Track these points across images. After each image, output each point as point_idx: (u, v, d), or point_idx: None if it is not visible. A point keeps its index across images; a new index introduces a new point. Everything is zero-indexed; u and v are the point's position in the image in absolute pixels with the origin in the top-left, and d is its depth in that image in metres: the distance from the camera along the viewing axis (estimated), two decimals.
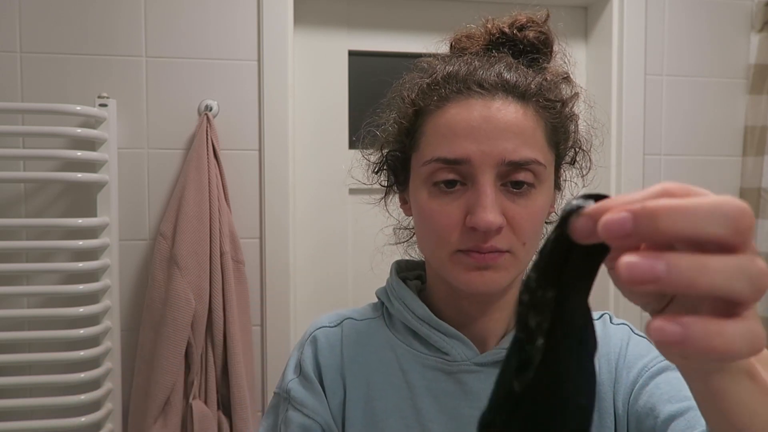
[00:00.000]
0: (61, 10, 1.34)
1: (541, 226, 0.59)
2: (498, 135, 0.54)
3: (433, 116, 0.58)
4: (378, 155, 0.67)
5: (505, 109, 0.55)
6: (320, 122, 1.54)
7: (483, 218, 0.52)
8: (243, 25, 1.39)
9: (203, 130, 1.33)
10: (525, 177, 0.55)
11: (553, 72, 0.62)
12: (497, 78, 0.57)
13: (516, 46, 0.63)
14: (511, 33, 0.63)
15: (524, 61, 0.61)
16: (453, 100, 0.57)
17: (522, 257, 0.57)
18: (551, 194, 0.60)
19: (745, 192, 1.59)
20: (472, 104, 0.56)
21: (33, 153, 1.27)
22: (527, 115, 0.56)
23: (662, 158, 1.57)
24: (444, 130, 0.56)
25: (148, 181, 1.37)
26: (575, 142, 0.64)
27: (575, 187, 0.67)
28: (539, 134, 0.57)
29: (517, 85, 0.57)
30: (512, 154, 0.54)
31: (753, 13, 1.59)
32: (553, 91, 0.59)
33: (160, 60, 1.37)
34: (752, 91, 1.58)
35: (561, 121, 0.60)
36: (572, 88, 0.63)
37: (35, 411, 1.28)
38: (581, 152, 0.65)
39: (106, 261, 1.30)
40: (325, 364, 0.63)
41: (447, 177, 0.55)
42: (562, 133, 0.61)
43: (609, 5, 1.55)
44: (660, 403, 0.54)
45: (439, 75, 0.60)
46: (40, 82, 1.33)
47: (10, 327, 1.29)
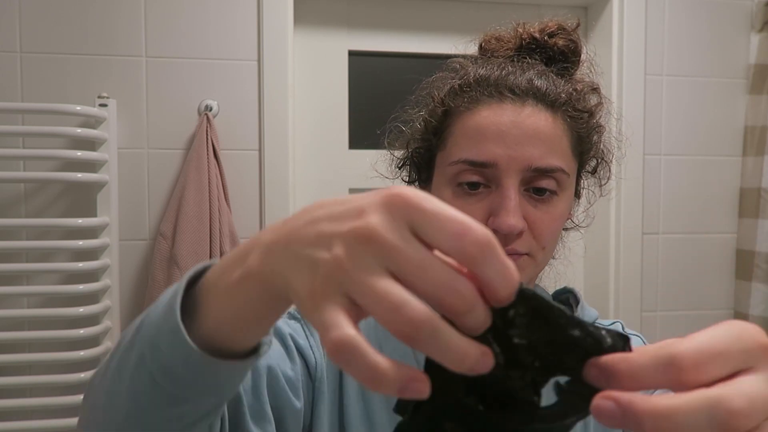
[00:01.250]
0: (61, 10, 1.34)
1: (560, 231, 0.60)
2: (526, 141, 0.55)
3: (463, 117, 0.58)
4: (403, 151, 0.68)
5: (535, 116, 0.56)
6: (320, 122, 1.54)
7: (506, 221, 0.54)
8: (243, 25, 1.39)
9: (203, 130, 1.33)
10: (548, 184, 0.56)
11: (583, 82, 0.63)
12: (529, 84, 0.58)
13: (546, 52, 0.63)
14: (541, 39, 0.63)
15: (555, 70, 0.62)
16: (484, 102, 0.58)
17: (540, 260, 0.58)
18: (571, 202, 0.61)
19: (745, 192, 1.59)
20: (502, 108, 0.57)
21: (33, 153, 1.27)
22: (556, 124, 0.57)
23: (662, 158, 1.57)
24: (473, 132, 0.57)
25: (148, 181, 1.37)
26: (598, 153, 0.65)
27: (592, 196, 0.69)
28: (565, 143, 0.58)
29: (548, 94, 0.58)
30: (538, 161, 0.55)
31: (753, 13, 1.59)
32: (581, 101, 0.61)
33: (160, 60, 1.37)
34: (752, 91, 1.58)
35: (587, 131, 0.61)
36: (600, 99, 0.64)
37: (35, 411, 1.28)
38: (603, 163, 0.67)
39: (106, 261, 1.30)
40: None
41: (471, 179, 0.56)
42: (587, 143, 0.62)
43: (609, 5, 1.55)
44: None
45: (471, 77, 0.60)
46: (40, 82, 1.33)
47: (10, 327, 1.28)
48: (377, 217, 0.27)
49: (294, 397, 0.56)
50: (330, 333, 0.26)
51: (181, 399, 0.37)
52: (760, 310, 1.54)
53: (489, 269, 0.26)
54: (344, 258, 0.27)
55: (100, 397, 0.41)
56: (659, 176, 1.57)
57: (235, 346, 0.37)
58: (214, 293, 0.36)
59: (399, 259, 0.26)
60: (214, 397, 0.39)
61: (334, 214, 0.29)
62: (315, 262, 0.28)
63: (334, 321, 0.26)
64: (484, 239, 0.26)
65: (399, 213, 0.27)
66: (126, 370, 0.38)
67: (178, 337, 0.35)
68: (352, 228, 0.27)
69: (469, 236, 0.25)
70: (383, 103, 1.57)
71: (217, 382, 0.37)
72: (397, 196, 0.27)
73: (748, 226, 1.57)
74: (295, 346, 0.60)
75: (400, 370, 0.25)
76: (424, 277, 0.26)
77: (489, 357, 0.26)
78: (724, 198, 1.61)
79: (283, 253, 0.30)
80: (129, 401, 0.38)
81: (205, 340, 0.36)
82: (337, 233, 0.28)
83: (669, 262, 1.59)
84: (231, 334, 0.36)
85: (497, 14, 1.56)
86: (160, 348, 0.36)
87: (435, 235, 0.26)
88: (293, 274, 0.29)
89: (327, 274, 0.27)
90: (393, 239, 0.26)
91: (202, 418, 0.40)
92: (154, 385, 0.37)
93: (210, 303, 0.36)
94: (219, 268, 0.36)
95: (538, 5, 1.56)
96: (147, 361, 0.37)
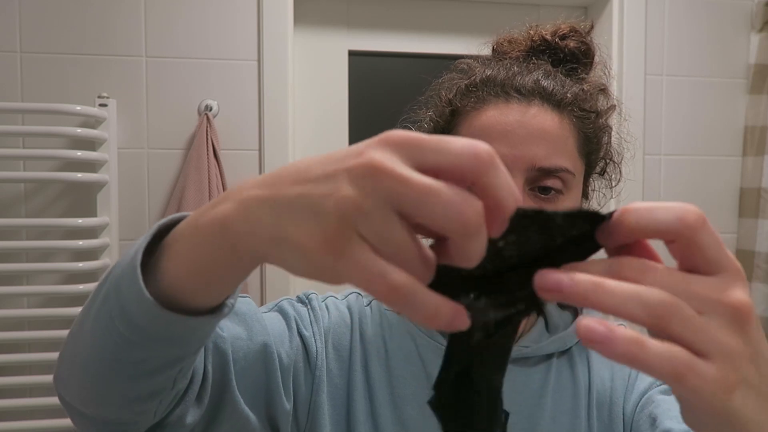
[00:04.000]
0: (61, 10, 1.34)
1: None
2: (531, 140, 0.55)
3: (469, 117, 0.59)
4: None
5: (541, 116, 0.56)
6: (320, 122, 1.54)
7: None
8: (243, 25, 1.39)
9: (203, 130, 1.33)
10: (553, 183, 0.56)
11: (591, 83, 0.63)
12: (535, 84, 0.58)
13: (556, 54, 0.64)
14: (552, 41, 0.64)
15: (563, 70, 0.62)
16: (490, 103, 0.58)
17: None
18: (578, 203, 0.61)
19: (745, 192, 1.59)
20: (508, 108, 0.57)
21: (33, 153, 1.27)
22: (562, 124, 0.57)
23: (662, 158, 1.57)
24: (478, 132, 0.57)
25: (148, 181, 1.37)
26: (606, 154, 0.65)
27: (603, 198, 0.69)
28: (571, 143, 0.58)
29: (554, 93, 0.58)
30: (543, 161, 0.55)
31: (753, 13, 1.59)
32: (589, 101, 0.61)
33: (160, 60, 1.37)
34: (752, 91, 1.58)
35: (594, 131, 0.61)
36: (608, 101, 0.64)
37: (35, 411, 1.28)
38: (612, 164, 0.67)
39: (106, 261, 1.30)
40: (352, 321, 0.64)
41: None
42: (595, 143, 0.62)
43: (609, 5, 1.55)
44: (663, 417, 0.55)
45: (478, 77, 0.61)
46: (40, 82, 1.33)
47: (10, 327, 1.28)
48: (379, 153, 0.26)
49: (284, 391, 0.56)
50: (381, 279, 0.25)
51: (135, 344, 0.37)
52: (760, 310, 1.54)
53: (497, 180, 0.26)
54: (358, 196, 0.25)
55: (74, 329, 0.41)
56: (659, 176, 1.57)
57: (196, 302, 0.36)
58: (176, 245, 0.35)
59: (409, 190, 0.25)
60: (172, 349, 0.38)
61: (329, 160, 0.27)
62: (320, 206, 0.26)
63: (376, 265, 0.25)
64: (490, 151, 0.26)
65: (399, 148, 0.26)
66: (93, 307, 0.39)
67: (135, 282, 0.35)
68: (355, 164, 0.26)
69: (476, 149, 0.26)
70: (383, 103, 1.58)
71: (171, 334, 0.36)
72: (394, 135, 0.27)
73: (748, 226, 1.57)
74: (298, 332, 0.60)
75: (449, 306, 0.26)
76: (435, 201, 0.25)
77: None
78: (724, 198, 1.61)
79: (272, 206, 0.28)
80: (91, 337, 0.38)
81: (166, 291, 0.35)
82: (340, 170, 0.26)
83: (669, 263, 1.58)
84: (189, 289, 0.35)
85: (497, 14, 1.56)
86: (121, 290, 0.36)
87: (441, 158, 0.26)
88: (291, 225, 0.27)
89: (342, 215, 0.25)
90: (400, 169, 0.25)
91: (162, 368, 0.39)
92: (112, 326, 0.37)
93: (171, 254, 0.35)
94: (193, 216, 0.35)
95: (538, 5, 1.56)
96: (110, 300, 0.37)
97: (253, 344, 0.54)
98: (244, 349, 0.53)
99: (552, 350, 0.63)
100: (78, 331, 0.40)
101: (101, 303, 0.38)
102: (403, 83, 1.56)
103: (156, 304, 0.34)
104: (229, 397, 0.50)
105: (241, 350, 0.52)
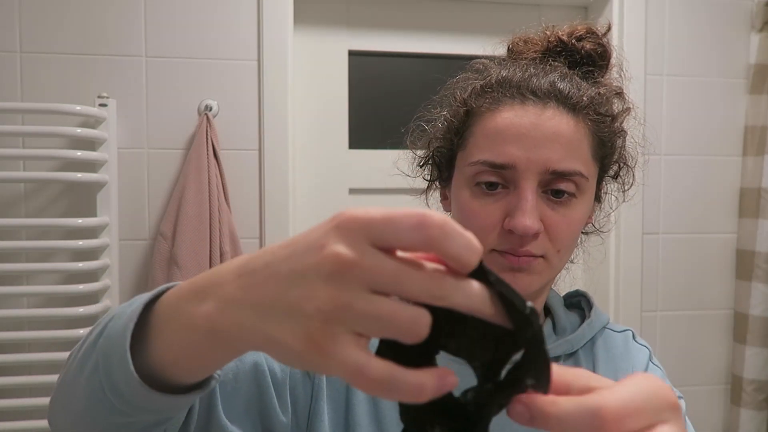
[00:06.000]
0: (61, 10, 1.34)
1: (578, 235, 0.60)
2: (545, 143, 0.55)
3: (484, 118, 0.58)
4: (425, 150, 0.68)
5: (556, 119, 0.56)
6: (320, 122, 1.54)
7: (521, 222, 0.53)
8: (243, 25, 1.39)
9: (203, 130, 1.33)
10: (567, 187, 0.56)
11: (607, 86, 0.63)
12: (551, 87, 0.58)
13: (572, 56, 0.63)
14: (569, 42, 0.63)
15: (579, 73, 0.62)
16: (506, 104, 0.58)
17: (555, 264, 0.58)
18: (591, 206, 0.61)
19: (745, 192, 1.59)
20: (523, 110, 0.57)
21: (33, 153, 1.27)
22: (577, 127, 0.57)
23: (662, 158, 1.57)
24: (493, 133, 0.57)
25: (148, 181, 1.37)
26: (620, 157, 0.65)
27: (615, 201, 0.68)
28: (585, 146, 0.58)
29: (570, 96, 0.57)
30: (557, 164, 0.55)
31: (753, 13, 1.59)
32: (604, 105, 0.60)
33: (160, 60, 1.37)
34: (752, 91, 1.58)
35: (609, 135, 0.61)
36: (624, 104, 0.64)
37: (35, 411, 1.28)
38: (625, 167, 0.67)
39: (105, 261, 1.30)
40: None
41: (489, 179, 0.56)
42: (609, 147, 0.62)
43: (609, 5, 1.55)
44: None
45: (494, 78, 0.60)
46: (40, 82, 1.33)
47: (10, 327, 1.28)
48: (340, 245, 0.27)
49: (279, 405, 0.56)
50: (364, 373, 0.27)
51: (124, 413, 0.38)
52: (760, 310, 1.54)
53: (454, 243, 0.27)
54: (334, 295, 0.27)
55: (67, 379, 0.43)
56: (659, 176, 1.57)
57: (184, 380, 0.38)
58: (162, 336, 0.36)
59: (377, 277, 0.27)
60: (163, 414, 0.40)
61: (294, 253, 0.29)
62: (301, 310, 0.28)
63: (358, 359, 0.27)
64: (440, 220, 0.27)
65: (355, 233, 0.27)
66: (86, 369, 0.40)
67: (124, 360, 0.36)
68: (321, 261, 0.27)
69: (427, 223, 0.27)
70: (383, 103, 1.58)
71: (157, 408, 0.38)
72: (345, 219, 0.28)
73: (748, 226, 1.57)
74: None
75: (433, 377, 0.27)
76: (406, 281, 0.27)
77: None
78: (724, 198, 1.61)
79: (254, 309, 0.30)
80: (84, 398, 0.40)
81: (154, 367, 0.37)
82: (308, 269, 0.28)
83: (669, 262, 1.59)
84: (177, 373, 0.37)
85: (498, 14, 1.56)
86: (111, 362, 0.37)
87: (396, 237, 0.27)
88: (276, 330, 0.29)
89: (326, 315, 0.27)
90: (365, 259, 0.27)
91: (152, 426, 0.41)
92: (102, 393, 0.38)
93: (159, 344, 0.37)
94: (175, 299, 0.36)
95: (538, 5, 1.56)
96: (100, 370, 0.38)
97: (243, 365, 0.54)
98: (233, 370, 0.53)
99: (559, 353, 0.63)
100: (71, 384, 0.42)
101: (92, 370, 0.39)
102: (403, 83, 1.55)
103: (143, 384, 0.36)
104: (215, 423, 0.51)
105: (230, 372, 0.53)
